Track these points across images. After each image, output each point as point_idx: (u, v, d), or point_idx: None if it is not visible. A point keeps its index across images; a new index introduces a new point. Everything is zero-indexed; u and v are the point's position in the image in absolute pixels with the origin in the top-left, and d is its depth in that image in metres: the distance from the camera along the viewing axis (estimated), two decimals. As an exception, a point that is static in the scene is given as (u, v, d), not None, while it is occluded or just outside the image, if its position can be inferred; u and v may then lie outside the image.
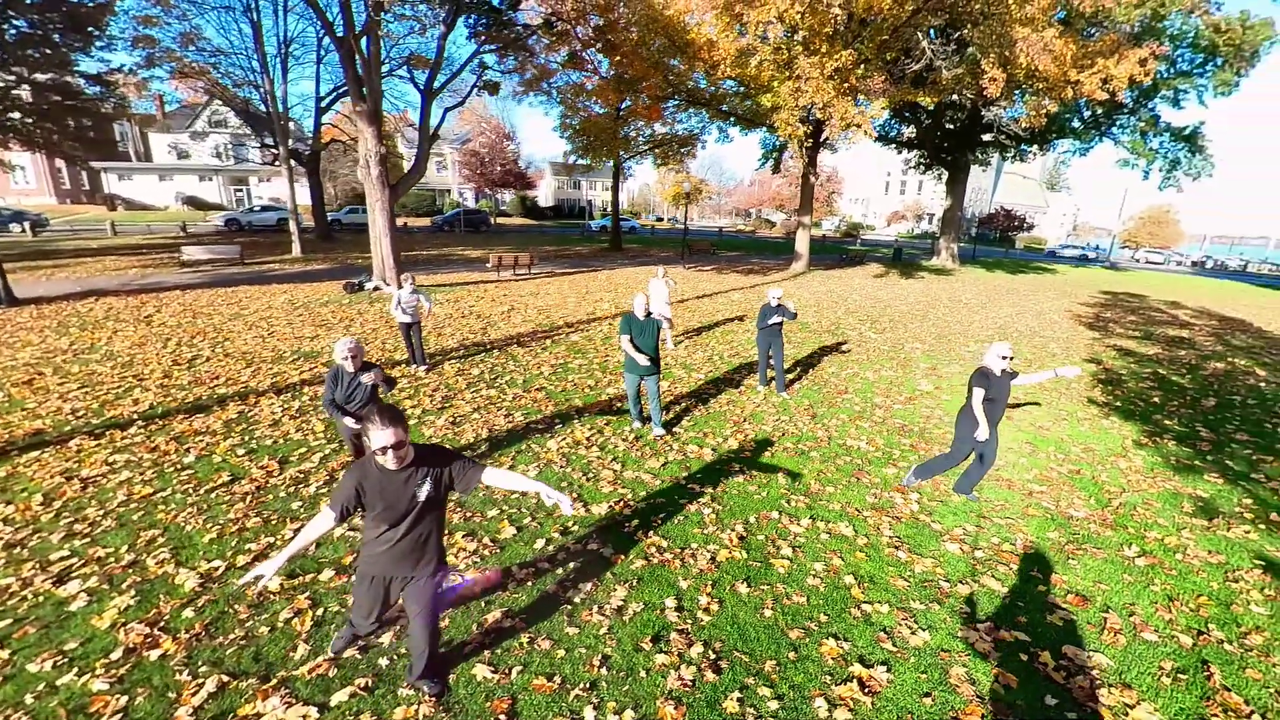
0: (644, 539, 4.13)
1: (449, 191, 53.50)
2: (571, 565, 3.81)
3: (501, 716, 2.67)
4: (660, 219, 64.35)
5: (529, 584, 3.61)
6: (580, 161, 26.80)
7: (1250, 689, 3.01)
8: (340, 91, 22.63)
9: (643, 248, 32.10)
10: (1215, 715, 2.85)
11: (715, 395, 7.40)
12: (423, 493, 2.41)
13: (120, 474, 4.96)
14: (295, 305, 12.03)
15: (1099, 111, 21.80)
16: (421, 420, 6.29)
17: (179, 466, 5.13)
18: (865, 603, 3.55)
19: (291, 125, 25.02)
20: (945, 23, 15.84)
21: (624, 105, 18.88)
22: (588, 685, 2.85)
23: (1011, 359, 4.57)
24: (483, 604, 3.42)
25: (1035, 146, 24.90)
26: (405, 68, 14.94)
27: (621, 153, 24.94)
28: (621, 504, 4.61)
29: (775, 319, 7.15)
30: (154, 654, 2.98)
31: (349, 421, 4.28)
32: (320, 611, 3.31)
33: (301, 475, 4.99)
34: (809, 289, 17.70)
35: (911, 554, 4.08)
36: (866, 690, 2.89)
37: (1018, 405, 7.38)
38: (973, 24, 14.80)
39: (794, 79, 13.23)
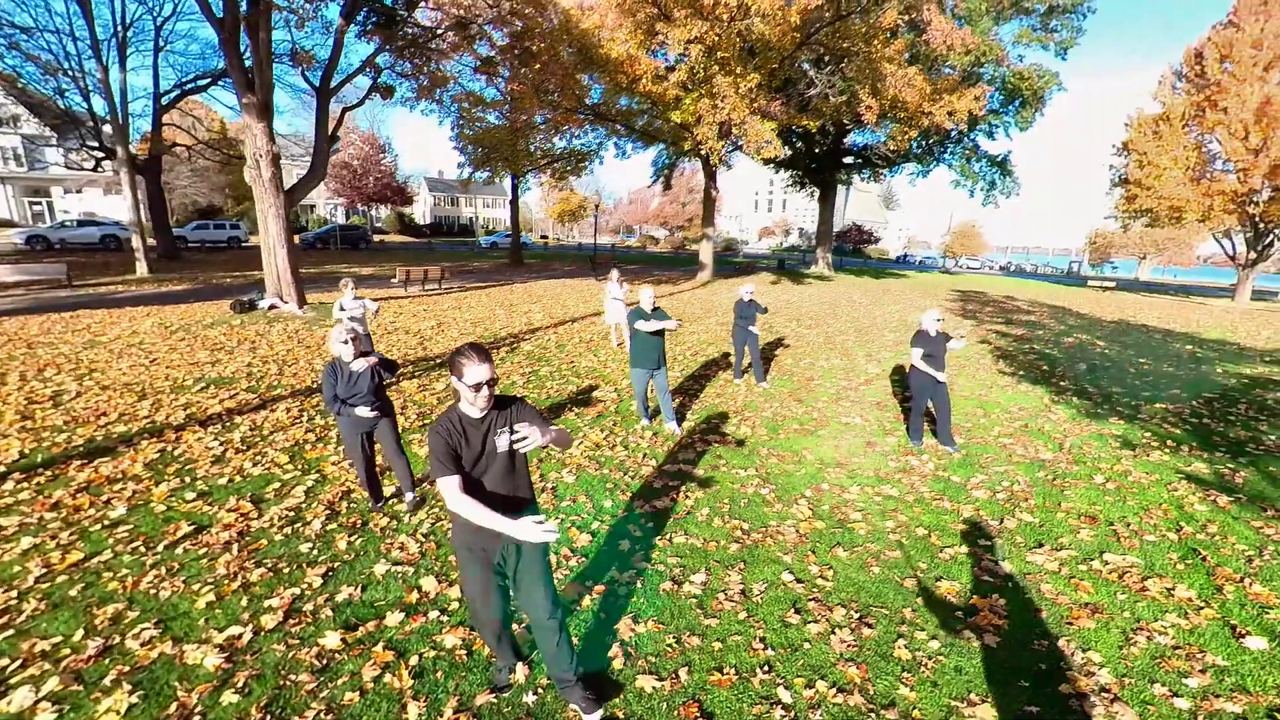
0: (724, 524, 4.06)
1: (314, 207, 48.26)
2: (671, 560, 3.62)
3: (694, 713, 2.45)
4: (545, 237, 63.78)
5: (638, 585, 3.36)
6: (477, 175, 25.69)
7: (1232, 562, 3.73)
8: (186, 87, 19.46)
9: (543, 262, 31.67)
10: (1223, 584, 3.47)
11: (698, 391, 7.50)
12: (502, 441, 2.21)
13: (18, 542, 3.75)
14: (171, 329, 10.00)
15: (933, 141, 25.99)
16: (406, 438, 5.58)
17: (106, 522, 4.01)
18: (946, 547, 3.84)
19: (109, 127, 20.88)
20: (827, 56, 17.87)
21: (542, 118, 18.50)
22: (764, 668, 2.72)
23: (942, 321, 5.53)
24: (602, 614, 3.11)
25: (888, 168, 28.88)
26: (298, 68, 13.23)
27: (525, 164, 24.38)
28: (680, 495, 4.48)
29: (751, 314, 7.48)
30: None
31: (363, 412, 3.75)
32: (415, 660, 2.76)
33: (291, 513, 4.16)
34: (721, 295, 18.67)
35: (953, 503, 4.49)
36: (995, 613, 3.10)
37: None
38: (849, 59, 16.91)
39: (710, 96, 14.05)
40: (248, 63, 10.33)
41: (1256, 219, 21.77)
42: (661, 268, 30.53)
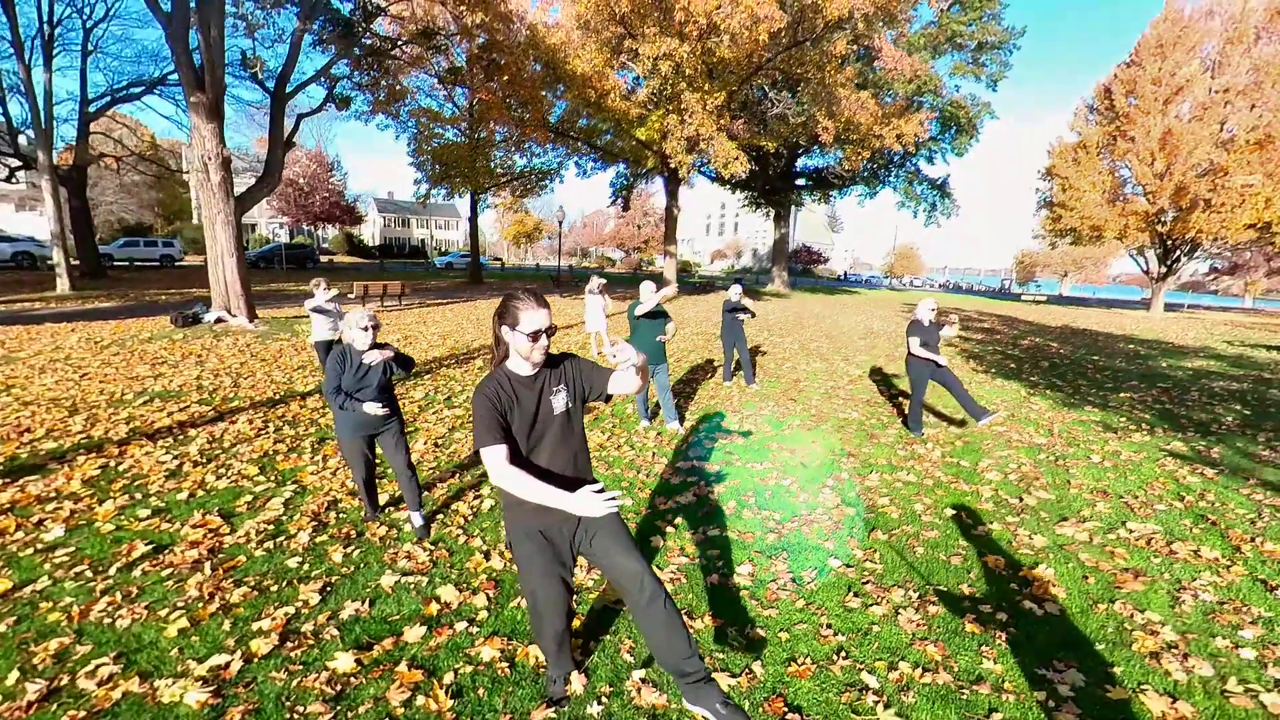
0: (755, 516, 3.86)
1: (255, 226, 45.81)
2: (711, 553, 3.38)
3: (788, 715, 2.21)
4: (498, 259, 62.87)
5: (683, 582, 3.10)
6: (435, 192, 25.07)
7: (1239, 525, 3.84)
8: (118, 95, 18.13)
9: (502, 281, 31.10)
10: (1239, 544, 3.55)
11: (691, 393, 7.35)
12: (559, 401, 1.93)
13: (-72, 572, 3.11)
14: (102, 345, 8.99)
15: (879, 165, 27.51)
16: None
17: (40, 546, 3.40)
18: (979, 525, 3.78)
19: (23, 138, 19.11)
20: (782, 80, 18.64)
21: (502, 134, 18.30)
22: (840, 654, 2.52)
23: (935, 310, 5.62)
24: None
25: (839, 190, 30.26)
26: (249, 71, 12.51)
27: (485, 181, 24.01)
28: (701, 490, 4.27)
29: (740, 315, 7.45)
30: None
31: (372, 408, 3.27)
32: (450, 678, 2.39)
33: (271, 526, 3.66)
34: (689, 311, 18.77)
35: (971, 485, 4.47)
36: (1041, 584, 3.03)
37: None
38: (804, 83, 17.70)
39: (678, 112, 14.31)
40: (197, 61, 9.68)
41: (1165, 237, 24.04)
42: (623, 286, 30.53)
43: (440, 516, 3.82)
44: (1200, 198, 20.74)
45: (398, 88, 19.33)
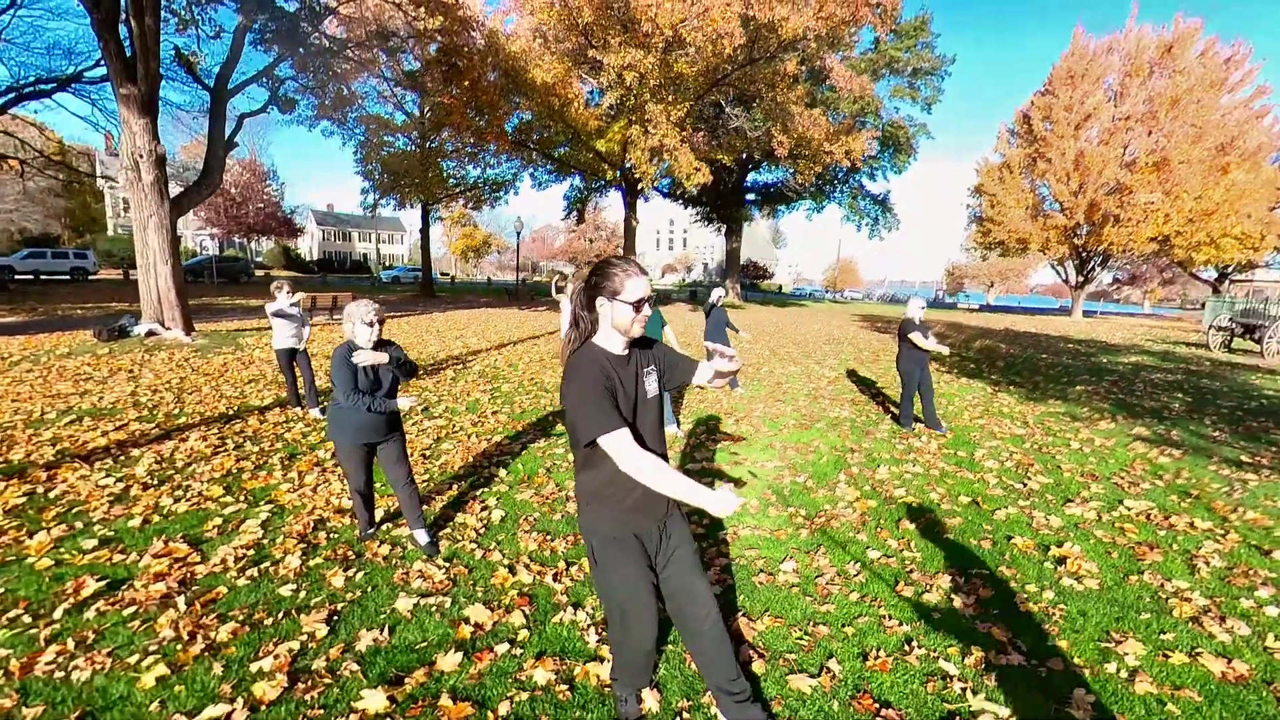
0: (780, 513, 3.76)
1: (181, 238, 42.38)
2: (749, 552, 3.24)
3: (882, 711, 2.08)
4: (445, 273, 61.03)
5: (730, 583, 2.93)
6: (383, 203, 24.06)
7: (1218, 498, 4.09)
8: (24, 91, 16.35)
9: (455, 295, 30.20)
10: (1225, 515, 3.76)
11: (679, 398, 7.24)
12: (652, 384, 1.77)
13: None
14: (11, 361, 7.90)
15: (825, 181, 28.77)
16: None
17: (-43, 588, 2.85)
18: (997, 508, 3.84)
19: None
20: (736, 96, 19.19)
21: (453, 144, 17.80)
22: (910, 643, 2.43)
23: (924, 309, 5.82)
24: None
25: (788, 204, 31.38)
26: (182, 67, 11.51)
27: (438, 191, 23.28)
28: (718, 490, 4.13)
29: (725, 317, 7.44)
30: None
31: (405, 402, 3.04)
32: (505, 708, 2.10)
33: (250, 551, 3.22)
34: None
35: (976, 475, 4.56)
36: (1073, 561, 3.08)
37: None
38: (758, 100, 18.30)
39: (642, 123, 14.40)
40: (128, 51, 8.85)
41: (1082, 249, 26.32)
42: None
43: (447, 531, 3.49)
44: (1110, 213, 22.87)
45: (345, 92, 18.54)
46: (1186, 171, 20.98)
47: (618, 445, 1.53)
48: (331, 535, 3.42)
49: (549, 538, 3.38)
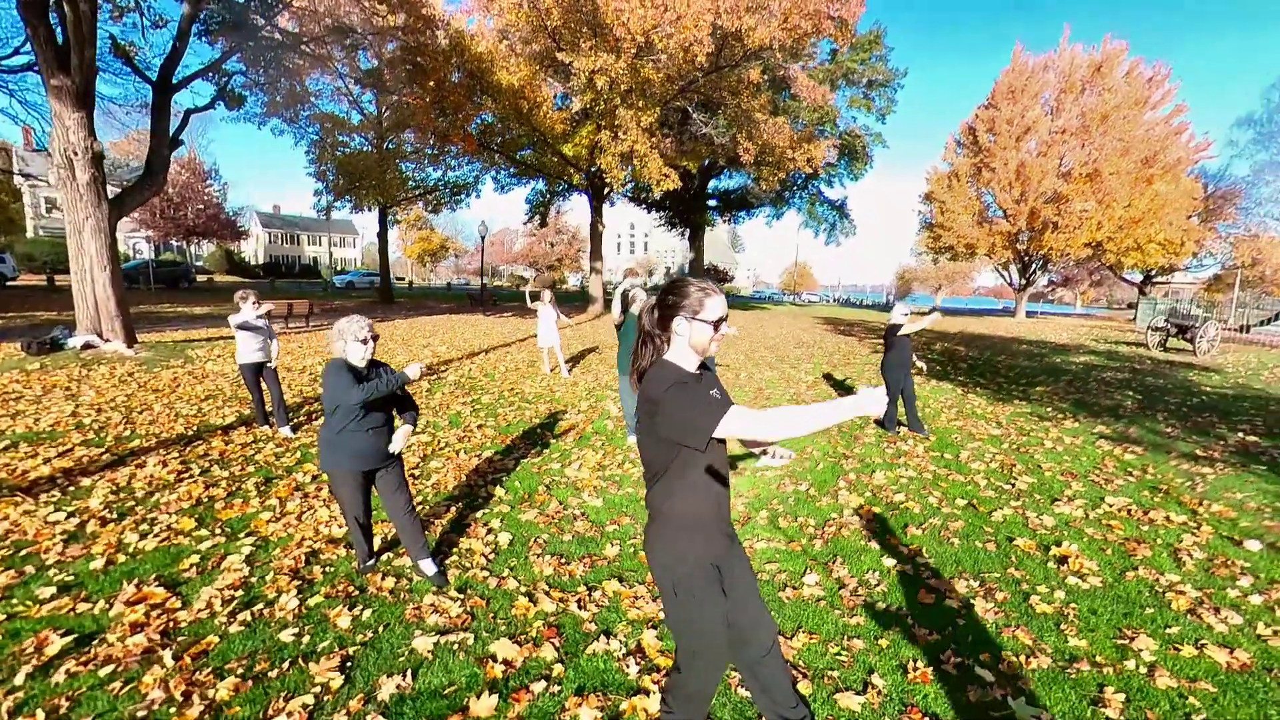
0: (790, 524, 3.78)
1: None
2: (769, 566, 3.23)
3: (921, 718, 2.08)
4: (401, 278, 59.08)
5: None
6: (337, 206, 23.06)
7: (1185, 492, 4.37)
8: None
9: (415, 300, 29.26)
10: (1195, 508, 4.02)
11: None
12: None
13: None
14: (-79, 381, 7.08)
15: (785, 187, 29.49)
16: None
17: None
18: (993, 510, 3.98)
19: None
20: (702, 102, 19.41)
21: (412, 146, 17.24)
22: (944, 652, 2.45)
23: (908, 315, 6.03)
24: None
25: (749, 210, 31.98)
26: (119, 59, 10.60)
27: (397, 193, 22.50)
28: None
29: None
30: None
31: (414, 370, 2.88)
32: None
33: (239, 593, 2.96)
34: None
35: (966, 477, 4.71)
36: (1074, 559, 3.21)
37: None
38: (723, 107, 18.56)
39: (611, 128, 14.34)
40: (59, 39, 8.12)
41: (1024, 254, 27.92)
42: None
43: (454, 559, 3.32)
44: (1049, 220, 24.38)
45: (298, 89, 17.68)
46: (1116, 182, 22.62)
47: (735, 423, 1.41)
48: (327, 569, 3.20)
49: (564, 561, 3.27)
